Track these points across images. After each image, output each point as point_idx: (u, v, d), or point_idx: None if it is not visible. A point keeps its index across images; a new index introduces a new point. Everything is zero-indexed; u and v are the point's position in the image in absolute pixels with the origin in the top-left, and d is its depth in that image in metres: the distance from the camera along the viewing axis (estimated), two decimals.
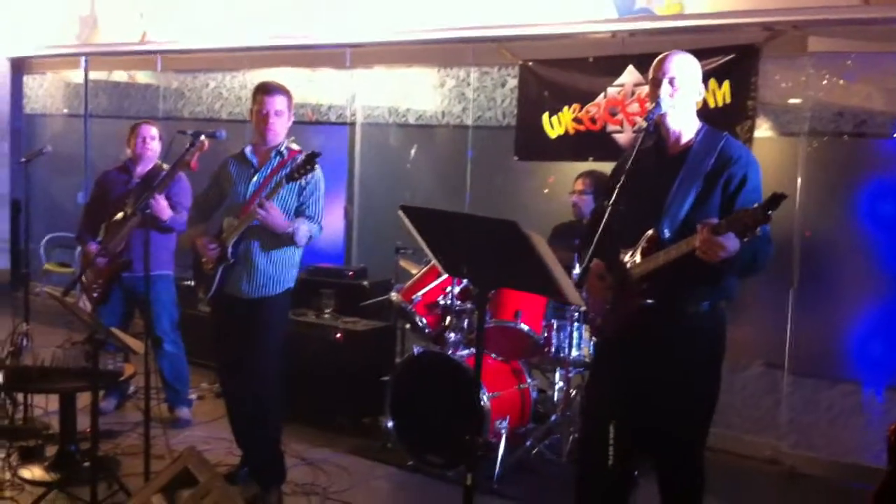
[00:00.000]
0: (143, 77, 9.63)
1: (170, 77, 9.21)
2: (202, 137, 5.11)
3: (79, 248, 6.55)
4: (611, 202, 3.45)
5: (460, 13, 6.84)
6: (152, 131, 6.14)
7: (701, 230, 3.22)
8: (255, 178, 4.72)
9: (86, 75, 9.96)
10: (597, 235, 3.46)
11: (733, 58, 5.68)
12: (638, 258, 3.56)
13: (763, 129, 5.77)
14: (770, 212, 3.01)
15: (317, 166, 4.60)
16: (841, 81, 5.58)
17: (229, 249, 4.65)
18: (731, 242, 3.16)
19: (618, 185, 3.48)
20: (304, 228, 4.63)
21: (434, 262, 3.81)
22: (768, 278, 5.57)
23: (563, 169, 6.49)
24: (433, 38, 7.08)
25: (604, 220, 3.45)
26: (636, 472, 3.94)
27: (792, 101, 5.72)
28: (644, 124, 3.60)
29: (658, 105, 3.59)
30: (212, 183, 4.95)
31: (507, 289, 5.08)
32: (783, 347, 5.73)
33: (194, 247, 4.81)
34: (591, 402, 4.00)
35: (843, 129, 5.57)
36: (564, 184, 5.86)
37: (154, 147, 6.14)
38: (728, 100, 5.69)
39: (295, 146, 4.83)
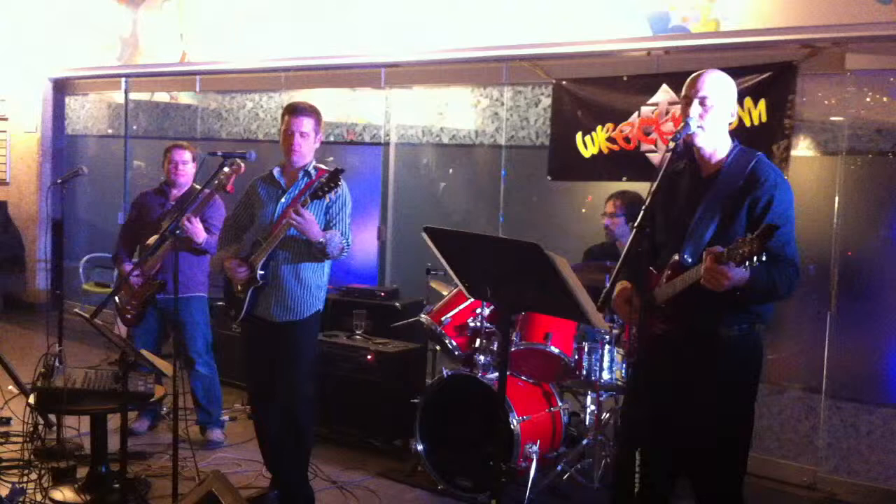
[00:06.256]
0: (183, 98, 9.73)
1: (208, 98, 9.29)
2: (238, 160, 5.13)
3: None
4: (636, 225, 3.37)
5: (494, 32, 6.81)
6: (185, 156, 6.15)
7: (706, 258, 3.16)
8: (283, 199, 4.72)
9: (126, 96, 10.09)
10: (621, 258, 3.40)
11: (769, 76, 5.59)
12: (664, 282, 3.51)
13: (801, 148, 5.67)
14: (765, 242, 2.94)
15: (342, 183, 4.57)
16: (884, 99, 5.47)
17: (258, 271, 4.65)
18: (735, 271, 3.10)
19: (643, 208, 3.41)
20: (336, 239, 4.60)
21: (457, 283, 3.77)
22: (805, 300, 5.49)
23: (599, 188, 6.41)
24: (467, 58, 7.06)
25: (628, 243, 3.38)
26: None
27: (831, 119, 5.61)
28: (671, 144, 3.53)
29: (686, 125, 3.53)
30: (241, 204, 4.95)
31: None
32: (821, 371, 5.61)
33: (224, 269, 4.81)
34: (626, 426, 3.94)
35: (882, 147, 5.46)
36: (601, 204, 5.80)
37: (187, 171, 6.16)
38: (764, 118, 5.59)
39: (322, 166, 4.82)
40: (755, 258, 2.98)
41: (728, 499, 3.62)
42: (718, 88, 3.58)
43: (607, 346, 5.21)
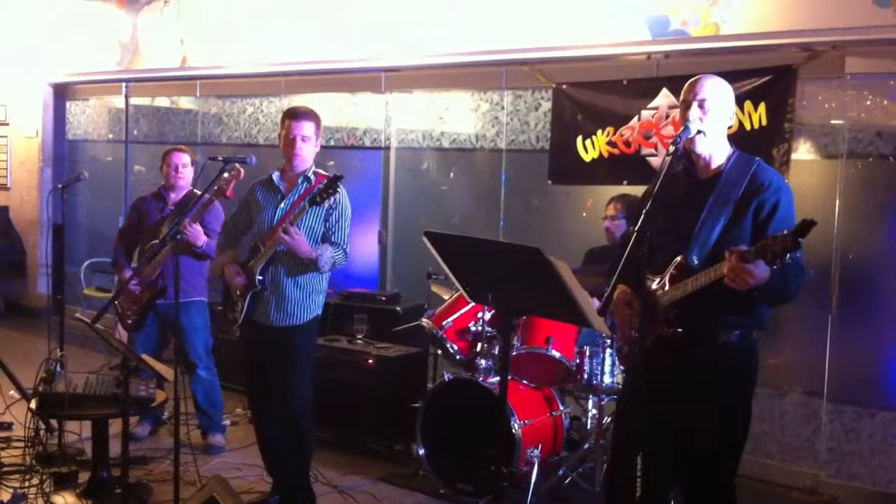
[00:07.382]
0: (183, 102, 9.73)
1: (209, 102, 9.29)
2: (238, 166, 5.13)
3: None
4: (636, 228, 3.37)
5: (494, 37, 6.82)
6: (183, 159, 6.16)
7: (729, 257, 3.15)
8: (282, 204, 4.72)
9: (126, 101, 10.07)
10: (622, 261, 3.39)
11: (769, 79, 5.59)
12: (667, 285, 3.50)
13: (801, 152, 5.67)
14: (800, 239, 2.94)
15: (340, 190, 4.57)
16: (884, 102, 5.47)
17: (257, 277, 4.65)
18: (761, 270, 3.09)
19: (644, 211, 3.40)
20: (327, 255, 4.61)
21: (458, 287, 3.77)
22: (807, 303, 5.47)
23: (600, 191, 6.41)
24: (467, 62, 7.06)
25: (629, 246, 3.38)
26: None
27: (831, 122, 5.61)
28: (672, 148, 3.53)
29: (686, 128, 3.53)
30: (240, 208, 4.95)
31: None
32: (822, 374, 5.60)
33: (223, 274, 4.80)
34: (621, 430, 3.93)
35: (882, 150, 5.46)
36: (602, 207, 5.80)
37: (186, 175, 6.16)
38: (764, 122, 5.60)
39: (322, 171, 4.82)
40: (788, 255, 2.98)
41: (722, 501, 3.62)
42: (717, 92, 3.59)
43: (608, 350, 5.21)
